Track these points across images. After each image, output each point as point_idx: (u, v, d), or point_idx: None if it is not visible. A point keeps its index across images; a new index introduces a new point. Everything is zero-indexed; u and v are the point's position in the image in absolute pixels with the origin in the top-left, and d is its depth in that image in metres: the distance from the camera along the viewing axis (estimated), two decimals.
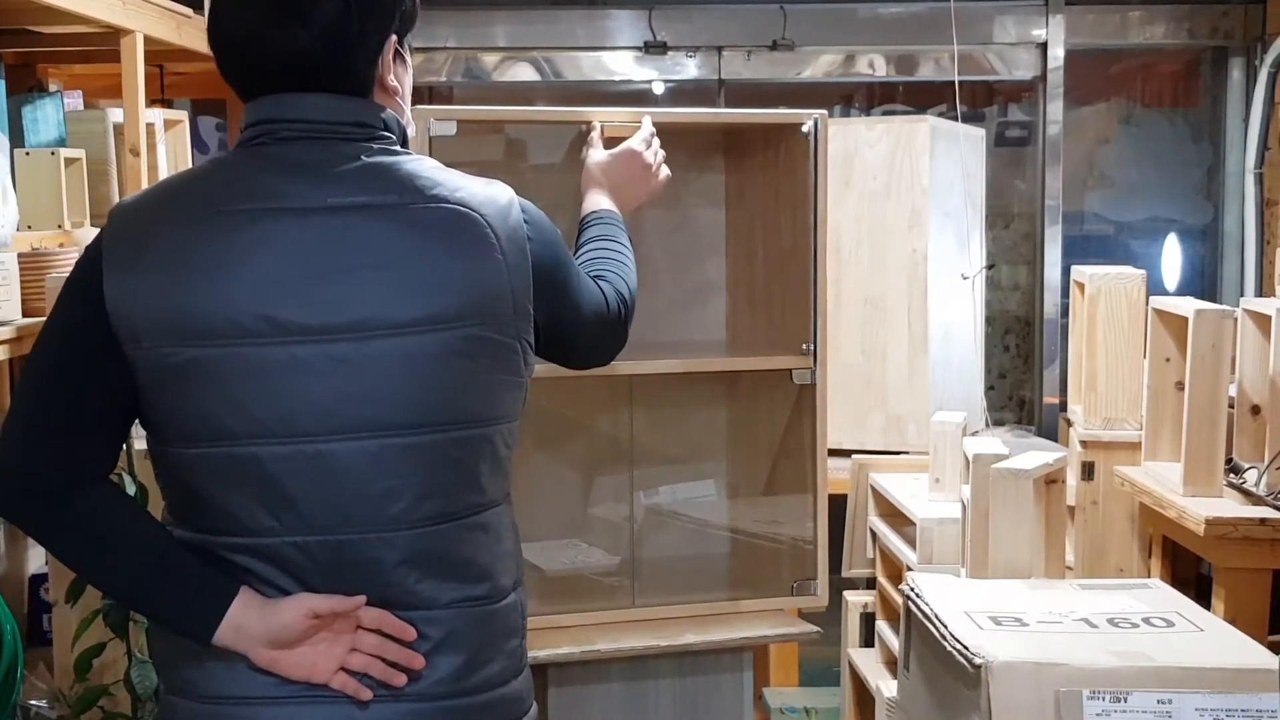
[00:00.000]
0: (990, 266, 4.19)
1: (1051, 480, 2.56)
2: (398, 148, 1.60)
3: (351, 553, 1.52)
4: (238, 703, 1.55)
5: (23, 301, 2.62)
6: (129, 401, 1.53)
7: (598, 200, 2.12)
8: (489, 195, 1.59)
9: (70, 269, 1.60)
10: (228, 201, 1.52)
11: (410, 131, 1.69)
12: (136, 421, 1.58)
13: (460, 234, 1.54)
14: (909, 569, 2.85)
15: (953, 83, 4.14)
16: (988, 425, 3.87)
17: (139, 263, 1.51)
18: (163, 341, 1.49)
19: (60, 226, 3.00)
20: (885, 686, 2.94)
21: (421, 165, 1.59)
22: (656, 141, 2.26)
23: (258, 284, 1.49)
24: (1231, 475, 2.90)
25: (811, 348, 2.47)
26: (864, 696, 3.24)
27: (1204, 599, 2.74)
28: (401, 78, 1.66)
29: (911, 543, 2.90)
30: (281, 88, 1.56)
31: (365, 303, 1.49)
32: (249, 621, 1.52)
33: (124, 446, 1.60)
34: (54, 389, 1.53)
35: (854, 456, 3.34)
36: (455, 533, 1.56)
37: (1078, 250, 4.83)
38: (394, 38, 1.62)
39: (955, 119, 3.89)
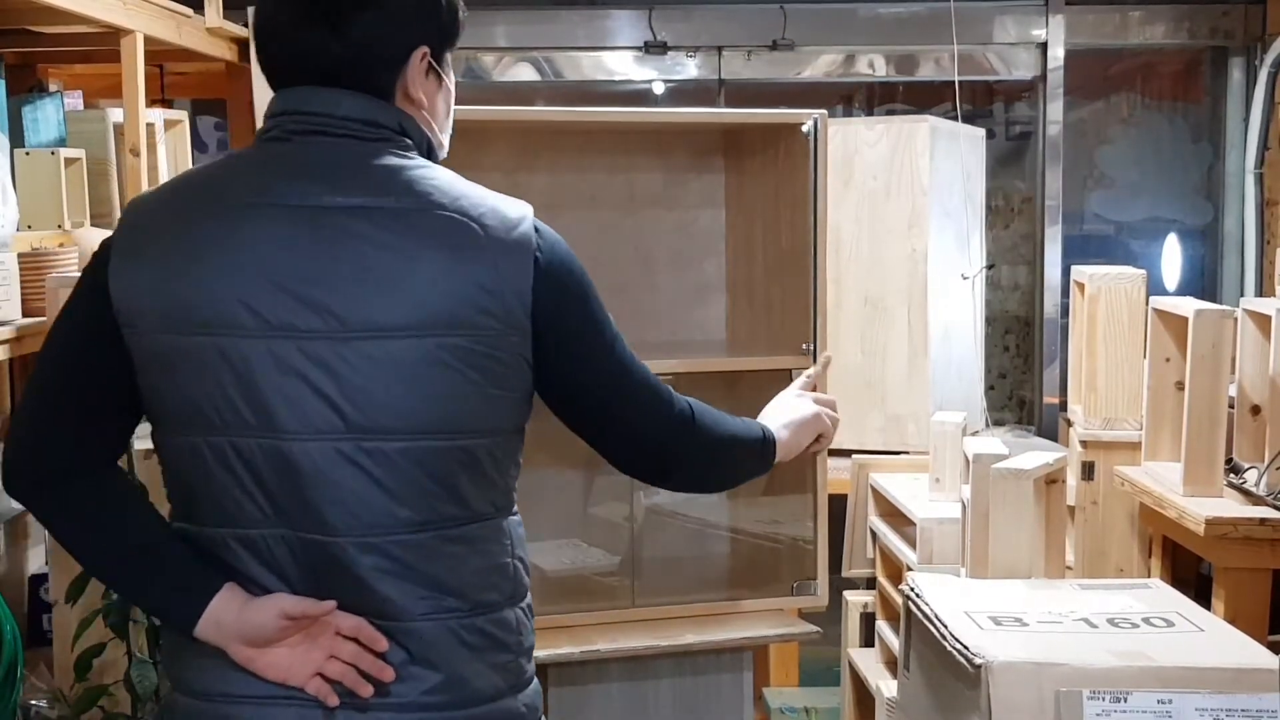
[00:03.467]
0: (990, 266, 4.19)
1: (1051, 480, 2.56)
2: (412, 154, 1.60)
3: (328, 555, 1.53)
4: (223, 700, 1.56)
5: (23, 301, 2.62)
6: (132, 388, 1.56)
7: (773, 422, 1.99)
8: (495, 206, 1.58)
9: (69, 269, 1.62)
10: (229, 195, 1.55)
11: (442, 150, 1.69)
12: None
13: (453, 243, 1.53)
14: (909, 569, 2.85)
15: (953, 83, 4.14)
16: (988, 425, 3.87)
17: (142, 251, 1.54)
18: (155, 328, 1.52)
19: (60, 226, 3.00)
20: (885, 686, 2.94)
21: (429, 173, 1.58)
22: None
23: (245, 277, 1.50)
24: (1231, 475, 2.90)
25: (811, 348, 2.47)
26: (864, 696, 3.24)
27: (1204, 599, 2.74)
28: (432, 92, 1.66)
29: (911, 543, 2.90)
30: (302, 82, 1.58)
31: (347, 304, 1.50)
32: (227, 617, 1.53)
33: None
34: (61, 373, 1.57)
35: (854, 456, 3.34)
36: (432, 544, 1.55)
37: (1078, 250, 4.83)
38: (425, 50, 1.63)
39: (956, 119, 3.89)
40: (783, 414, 2.01)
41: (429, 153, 1.64)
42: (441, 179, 1.58)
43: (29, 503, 1.61)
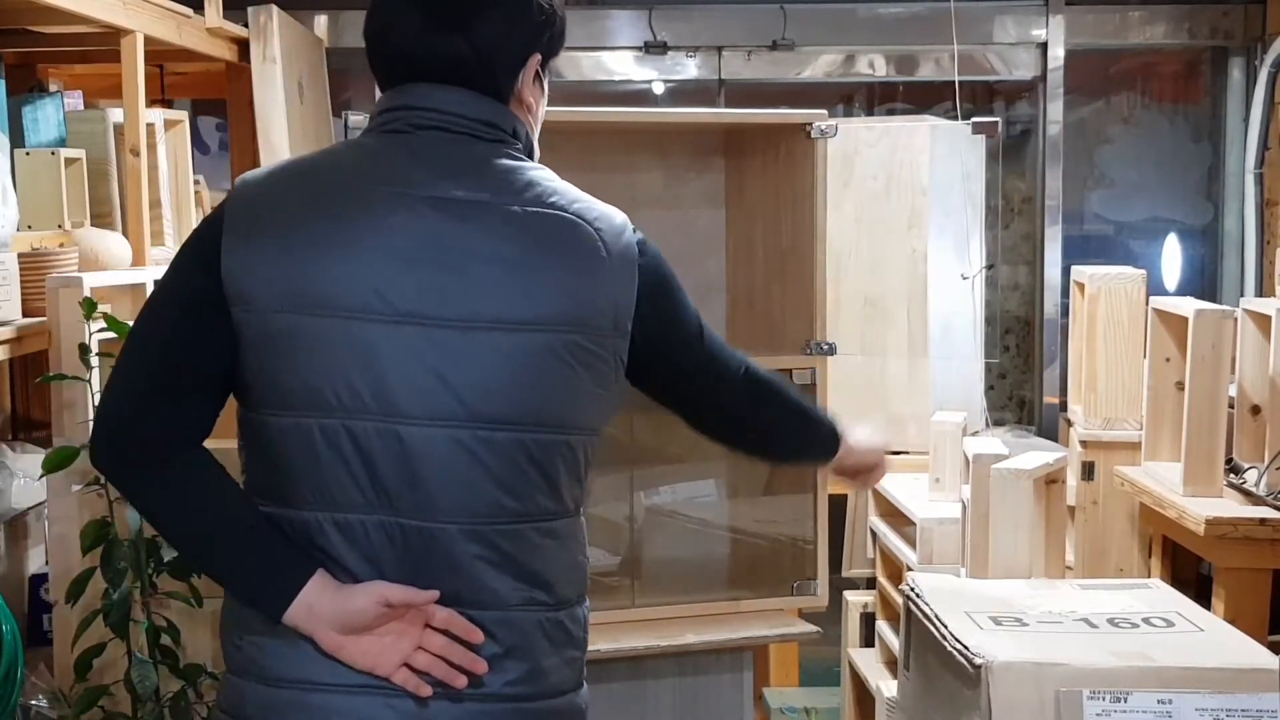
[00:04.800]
0: (990, 266, 4.19)
1: (1051, 480, 2.56)
2: (523, 157, 1.63)
3: (431, 541, 1.54)
4: (303, 688, 1.55)
5: (23, 301, 2.62)
6: (230, 367, 1.55)
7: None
8: (604, 212, 1.62)
9: (69, 269, 1.61)
10: (353, 181, 1.57)
11: (536, 154, 1.71)
12: None
13: (572, 243, 1.57)
14: (909, 569, 2.85)
15: (953, 83, 4.14)
16: (988, 425, 3.87)
17: (258, 230, 1.54)
18: (273, 307, 1.52)
19: (60, 226, 3.00)
20: (885, 686, 2.94)
21: (543, 175, 1.62)
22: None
23: (373, 262, 1.51)
24: (1231, 475, 2.90)
25: (826, 345, 2.47)
26: (864, 696, 3.24)
27: (1204, 599, 2.74)
28: (537, 97, 1.69)
29: (911, 543, 2.90)
30: (423, 79, 1.61)
31: (473, 295, 1.52)
32: (322, 602, 1.52)
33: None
34: (160, 350, 1.56)
35: None
36: (529, 535, 1.57)
37: (1078, 250, 4.82)
38: (538, 56, 1.66)
39: (956, 119, 3.89)
40: (858, 431, 2.06)
41: (530, 155, 1.68)
42: (556, 182, 1.62)
43: (119, 479, 1.60)
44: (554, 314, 1.54)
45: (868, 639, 3.28)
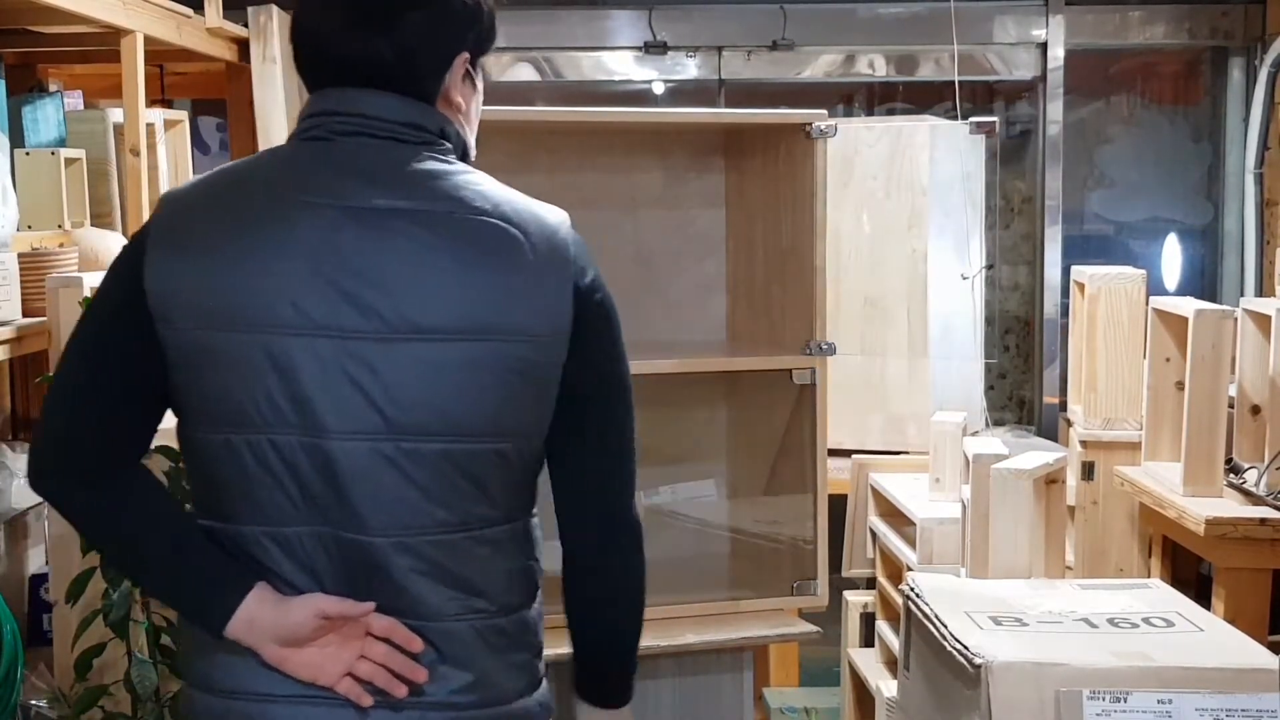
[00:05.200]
0: (990, 266, 4.19)
1: (1051, 480, 2.56)
2: (453, 159, 1.60)
3: (364, 554, 1.53)
4: (248, 698, 1.56)
5: (23, 301, 2.62)
6: (162, 384, 1.55)
7: None
8: (535, 214, 1.59)
9: (69, 269, 1.61)
10: (274, 192, 1.55)
11: (472, 155, 1.69)
12: None
13: (497, 248, 1.54)
14: (909, 569, 2.85)
15: (953, 83, 4.14)
16: (988, 425, 3.87)
17: (181, 245, 1.53)
18: (194, 323, 1.51)
19: (60, 226, 3.00)
20: (885, 686, 2.94)
21: (471, 178, 1.59)
22: None
23: (289, 276, 1.50)
24: (1231, 475, 2.90)
25: (826, 345, 2.46)
26: (864, 696, 3.24)
27: (1204, 599, 2.74)
28: (469, 97, 1.66)
29: (911, 543, 2.90)
30: (347, 84, 1.59)
31: (391, 306, 1.50)
32: (261, 616, 1.53)
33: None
34: (91, 369, 1.56)
35: (854, 456, 3.34)
36: (464, 545, 1.56)
37: (1078, 250, 4.83)
38: (466, 55, 1.63)
39: (956, 119, 3.89)
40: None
41: (463, 157, 1.65)
42: (484, 184, 1.59)
43: (57, 500, 1.60)
44: (476, 322, 1.52)
45: (868, 639, 3.28)
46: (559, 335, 1.57)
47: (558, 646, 2.29)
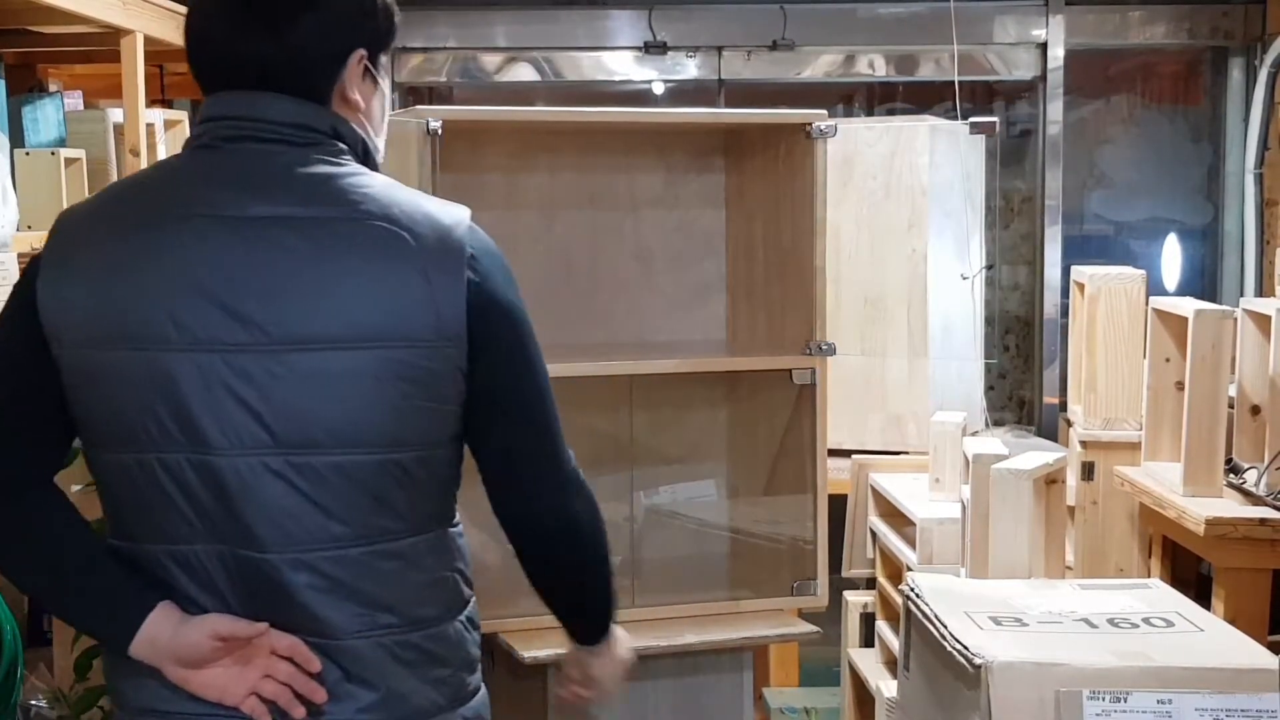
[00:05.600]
0: (990, 266, 4.19)
1: (1051, 480, 2.56)
2: (346, 160, 1.57)
3: (262, 572, 1.51)
4: (158, 717, 1.55)
5: None
6: (64, 404, 1.53)
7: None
8: (427, 214, 1.54)
9: None
10: (156, 207, 1.53)
11: (378, 154, 1.65)
12: None
13: (382, 253, 1.50)
14: (909, 569, 2.85)
15: (953, 83, 4.14)
16: (988, 425, 3.88)
17: (69, 265, 1.52)
18: (81, 343, 1.50)
19: None
20: (885, 686, 2.94)
21: (361, 180, 1.55)
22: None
23: (170, 291, 1.48)
24: (1231, 475, 2.90)
25: (826, 345, 2.46)
26: (864, 696, 3.24)
27: (1204, 599, 2.74)
28: (368, 95, 1.62)
29: (911, 543, 2.90)
30: (237, 86, 1.56)
31: (275, 317, 1.47)
32: (161, 637, 1.51)
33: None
34: None
35: (854, 456, 3.34)
36: (366, 560, 1.53)
37: (1078, 250, 4.82)
38: (362, 53, 1.59)
39: (956, 119, 3.89)
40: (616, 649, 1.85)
41: (365, 156, 1.61)
42: (374, 186, 1.54)
43: None
44: (360, 330, 1.48)
45: (868, 639, 3.28)
46: (452, 340, 1.52)
47: (554, 647, 2.31)
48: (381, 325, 1.49)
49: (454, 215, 1.57)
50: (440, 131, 2.24)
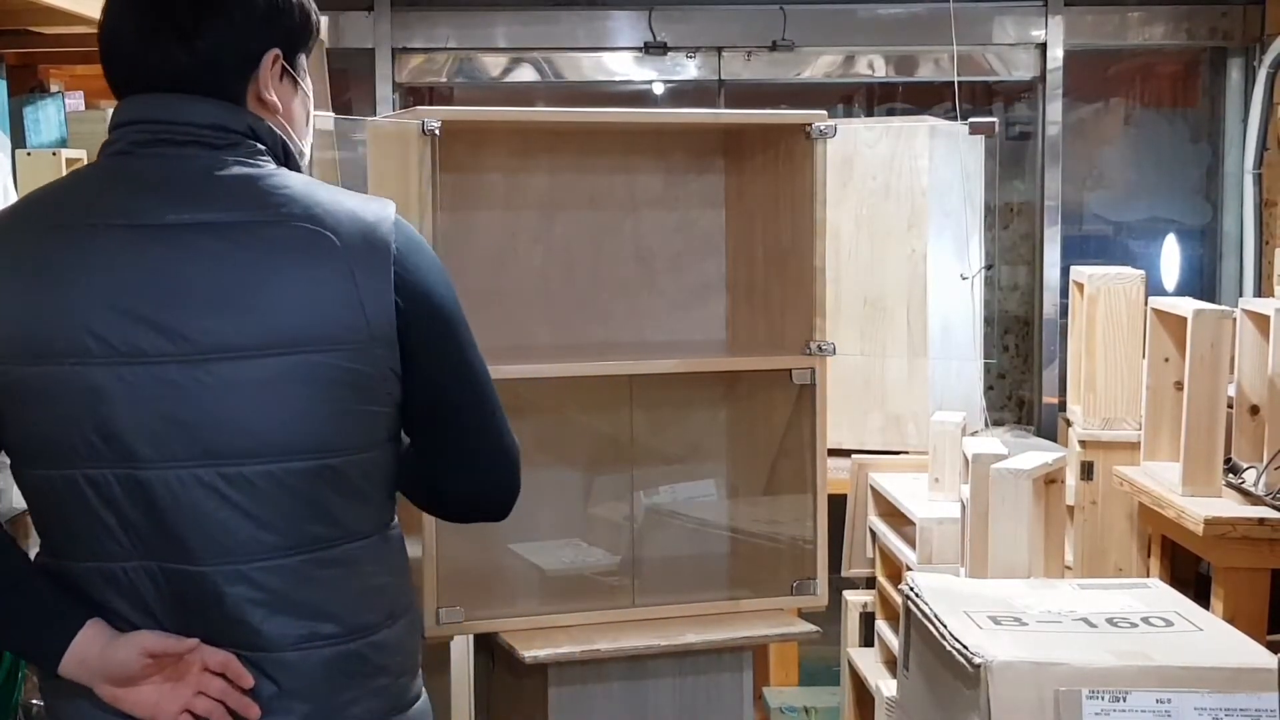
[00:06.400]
0: (989, 267, 4.19)
1: (1051, 480, 2.57)
2: (264, 160, 1.54)
3: (194, 586, 1.49)
4: None
5: None
6: None
7: None
8: (350, 212, 1.52)
9: None
10: (70, 217, 1.50)
11: (302, 157, 1.63)
12: None
13: (305, 254, 1.48)
14: (909, 569, 2.86)
15: (952, 83, 4.15)
16: (987, 425, 3.88)
17: None
18: (2, 359, 1.48)
19: None
20: (885, 686, 2.94)
21: (280, 181, 1.52)
22: None
23: (88, 304, 1.45)
24: (1230, 475, 2.90)
25: (826, 345, 2.46)
26: (864, 696, 3.25)
27: (1203, 599, 2.75)
28: (288, 96, 1.60)
29: (911, 542, 2.91)
30: (148, 89, 1.54)
31: (198, 325, 1.45)
32: (90, 655, 1.49)
33: None
34: None
35: (854, 456, 3.34)
36: (303, 569, 1.51)
37: (1077, 250, 4.83)
38: (276, 52, 1.58)
39: (955, 119, 3.90)
40: None
41: (286, 158, 1.59)
42: (294, 187, 1.52)
43: None
44: (286, 335, 1.46)
45: (867, 639, 3.29)
46: (382, 340, 1.50)
47: (554, 646, 2.31)
48: (308, 329, 1.47)
49: (378, 212, 1.54)
50: (439, 132, 2.24)
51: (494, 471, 1.64)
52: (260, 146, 1.55)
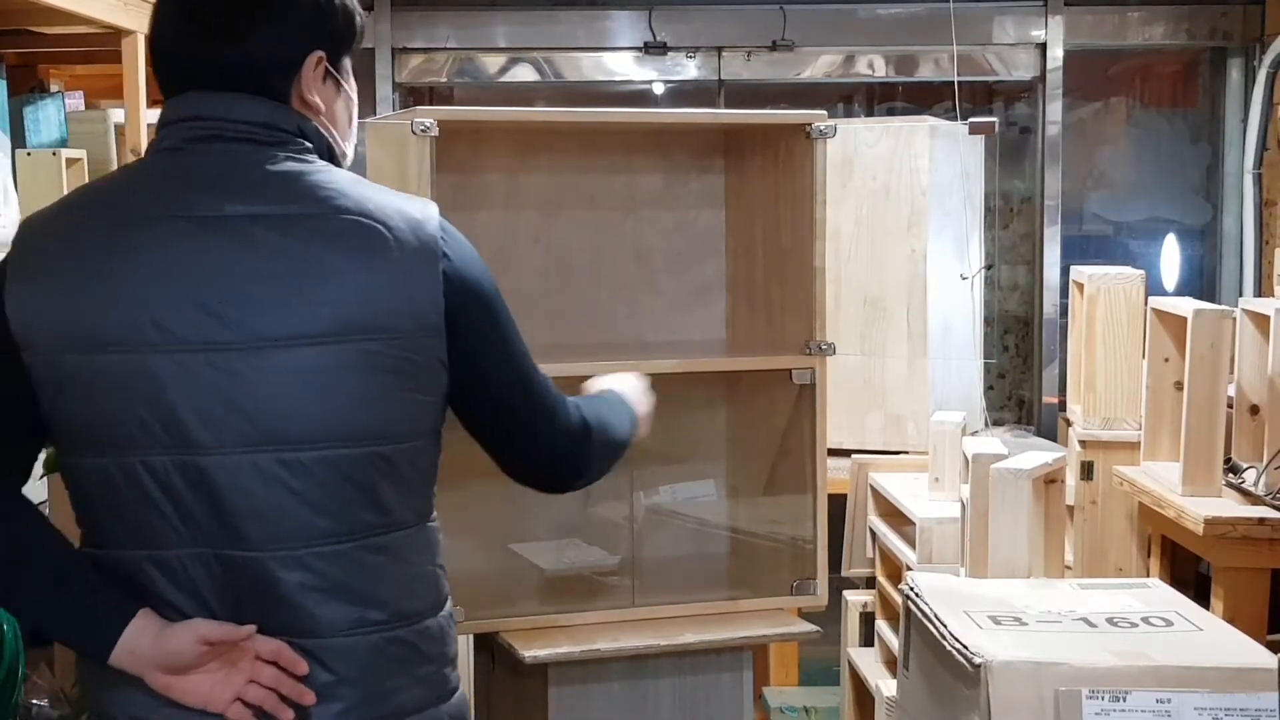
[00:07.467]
0: (989, 267, 4.20)
1: (1050, 480, 2.57)
2: (312, 158, 1.58)
3: (250, 572, 1.50)
4: None
5: None
6: (35, 412, 1.53)
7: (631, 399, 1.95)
8: (399, 208, 1.57)
9: None
10: (127, 210, 1.53)
11: (345, 159, 1.67)
12: None
13: (360, 246, 1.52)
14: (909, 569, 2.86)
15: (952, 83, 4.15)
16: (987, 425, 3.88)
17: (38, 270, 1.51)
18: (56, 349, 1.49)
19: None
20: (885, 686, 2.94)
21: (330, 176, 1.57)
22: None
23: (149, 293, 1.48)
24: (1230, 475, 2.90)
25: (826, 345, 2.46)
26: (864, 696, 3.25)
27: (1203, 599, 2.75)
28: (330, 98, 1.64)
29: (911, 542, 2.91)
30: (197, 88, 1.57)
31: (254, 315, 1.48)
32: (143, 645, 1.50)
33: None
34: None
35: (854, 456, 3.34)
36: (354, 555, 1.53)
37: (1077, 250, 4.83)
38: (320, 55, 1.61)
39: (955, 119, 3.90)
40: (633, 393, 1.96)
41: (329, 158, 1.62)
42: (343, 182, 1.56)
43: None
44: (342, 324, 1.49)
45: (867, 638, 3.29)
46: (431, 329, 1.54)
47: (554, 646, 2.31)
48: (363, 318, 1.50)
49: (424, 209, 1.59)
50: (435, 132, 2.24)
51: (549, 450, 1.71)
52: (308, 145, 1.59)
